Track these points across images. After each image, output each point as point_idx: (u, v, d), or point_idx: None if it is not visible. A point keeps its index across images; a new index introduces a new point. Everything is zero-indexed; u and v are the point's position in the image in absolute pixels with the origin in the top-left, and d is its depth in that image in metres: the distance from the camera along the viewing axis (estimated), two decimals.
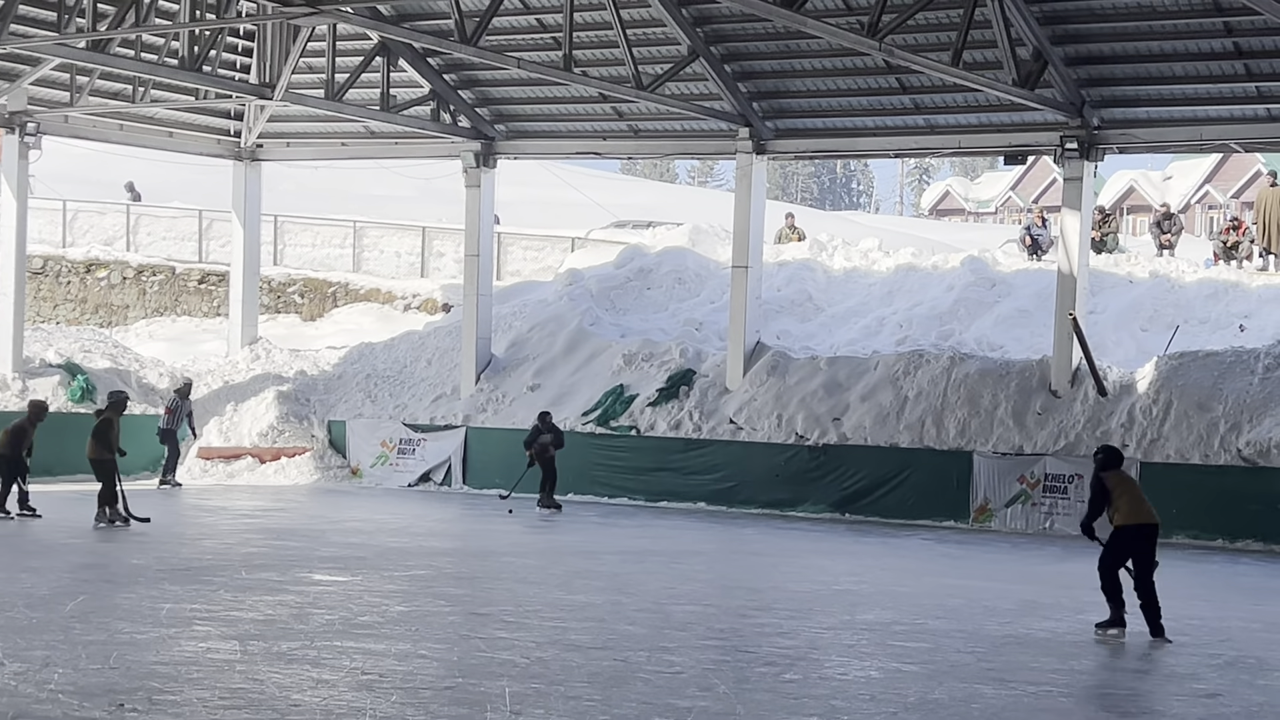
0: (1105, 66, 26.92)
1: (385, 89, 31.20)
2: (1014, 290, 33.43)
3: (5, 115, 32.11)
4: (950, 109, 29.00)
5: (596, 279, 36.26)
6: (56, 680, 10.77)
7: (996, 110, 28.38)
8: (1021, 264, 35.67)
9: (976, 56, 26.00)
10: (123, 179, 55.20)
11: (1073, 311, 27.48)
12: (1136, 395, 27.03)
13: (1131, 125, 27.92)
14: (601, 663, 12.38)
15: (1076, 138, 27.58)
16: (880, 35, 23.02)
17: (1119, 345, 30.25)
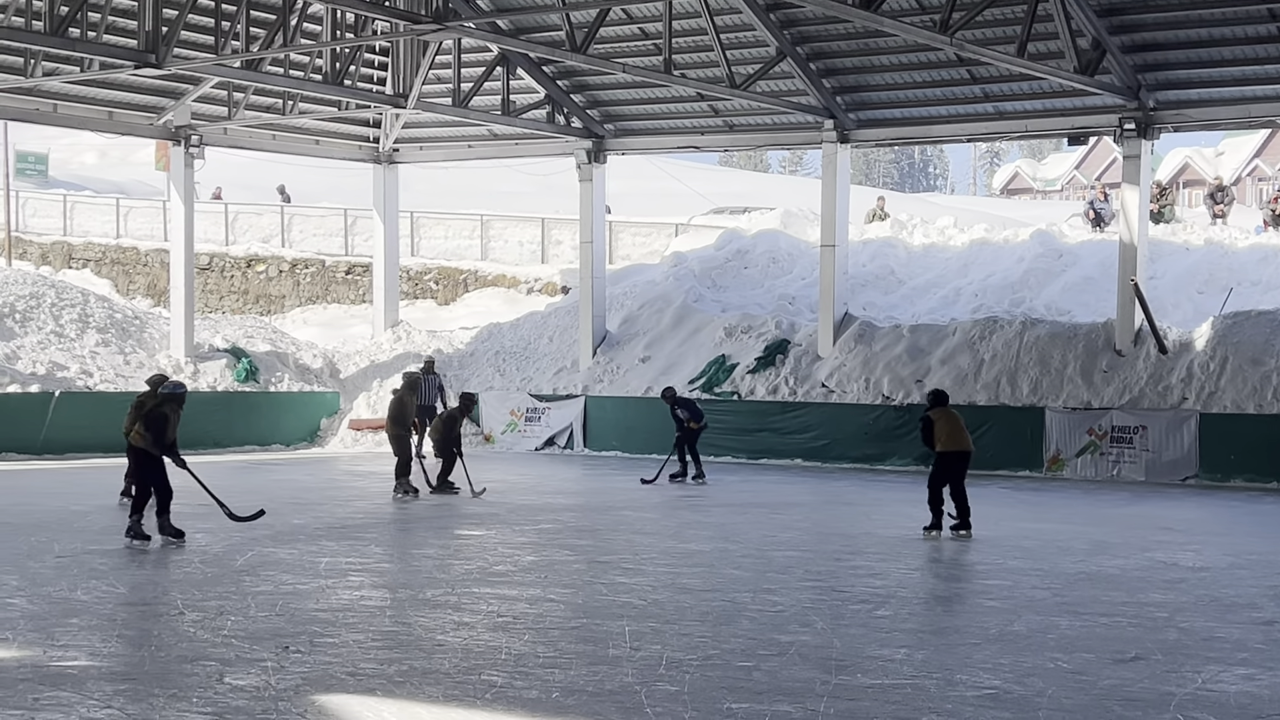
0: (1159, 53, 26.43)
1: (505, 95, 31.28)
2: (1079, 260, 33.00)
3: (172, 129, 32.57)
4: (1017, 96, 28.62)
5: (698, 260, 36.21)
6: (229, 627, 10.93)
7: (1059, 96, 27.97)
8: (1086, 236, 35.19)
9: (1040, 47, 25.61)
10: (276, 184, 55.91)
11: (1134, 278, 27.09)
12: (1195, 352, 26.61)
13: (1185, 106, 27.42)
14: (711, 603, 12.37)
15: (1134, 119, 27.15)
16: (951, 31, 22.77)
17: (1177, 307, 29.80)
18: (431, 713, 8.46)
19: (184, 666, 9.47)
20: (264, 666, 9.51)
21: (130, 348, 32.68)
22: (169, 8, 26.03)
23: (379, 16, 25.65)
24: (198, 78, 30.77)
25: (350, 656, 9.98)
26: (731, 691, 8.99)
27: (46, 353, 30.94)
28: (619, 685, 9.13)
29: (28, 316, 32.21)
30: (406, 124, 35.50)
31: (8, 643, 10.15)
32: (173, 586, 12.74)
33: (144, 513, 15.77)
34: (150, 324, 34.42)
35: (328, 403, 33.74)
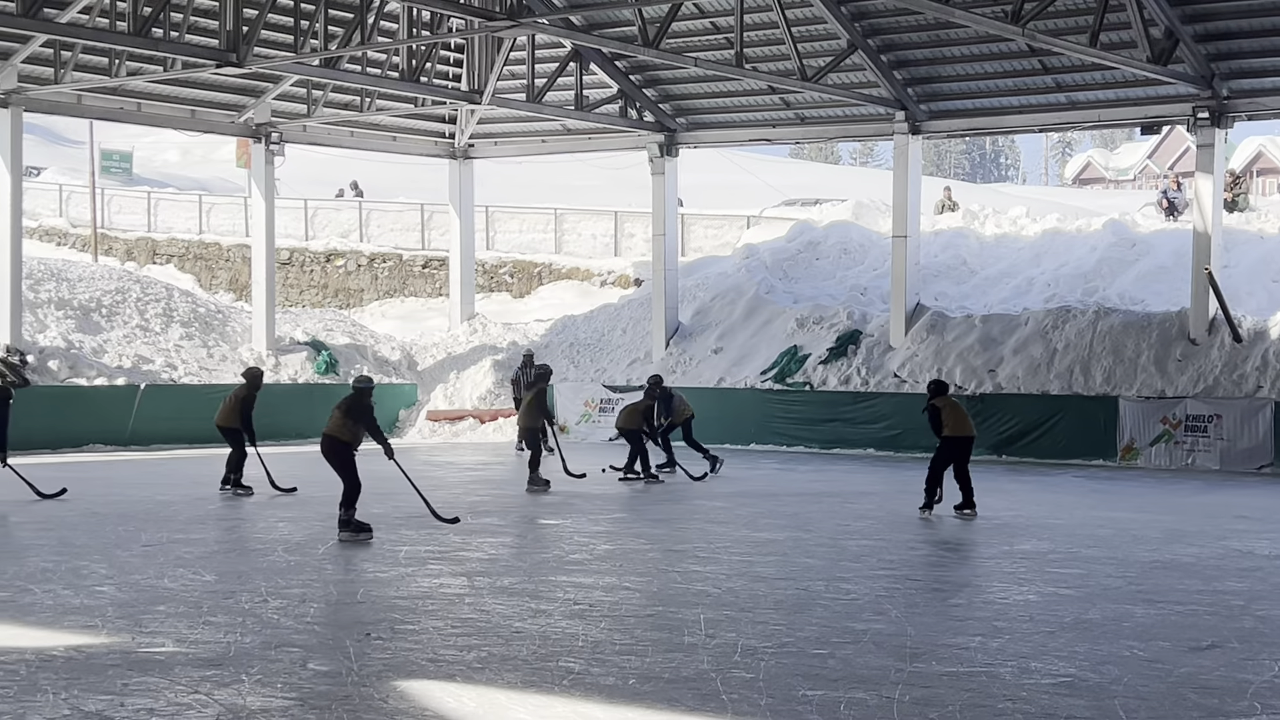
0: (1232, 42, 26.08)
1: (578, 90, 31.34)
2: (1153, 249, 32.62)
3: (253, 127, 32.88)
4: (1089, 86, 28.33)
5: (770, 252, 36.13)
6: (312, 613, 11.03)
7: (1132, 85, 27.65)
8: (1159, 225, 34.79)
9: (1112, 37, 25.34)
10: (356, 179, 56.30)
11: (1208, 266, 26.77)
12: (1270, 341, 26.26)
13: (1258, 95, 27.04)
14: (785, 591, 12.35)
15: (1208, 108, 26.80)
16: (1023, 22, 22.59)
17: (1251, 295, 29.39)
18: (510, 698, 8.50)
19: (268, 652, 9.57)
20: (346, 653, 9.59)
21: (213, 341, 33.05)
22: (249, 7, 26.29)
23: (454, 14, 25.77)
24: (278, 76, 31.07)
25: (430, 643, 10.04)
26: (806, 679, 8.98)
27: (132, 346, 31.34)
28: (694, 672, 9.13)
29: (114, 311, 32.65)
30: (481, 120, 35.64)
31: (97, 629, 10.29)
32: (257, 574, 12.86)
33: (355, 505, 15.70)
34: (232, 318, 34.79)
35: (405, 394, 33.95)
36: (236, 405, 20.43)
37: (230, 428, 20.36)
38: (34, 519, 17.07)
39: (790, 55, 27.40)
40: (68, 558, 13.71)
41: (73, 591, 11.84)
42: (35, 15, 23.92)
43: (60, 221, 53.86)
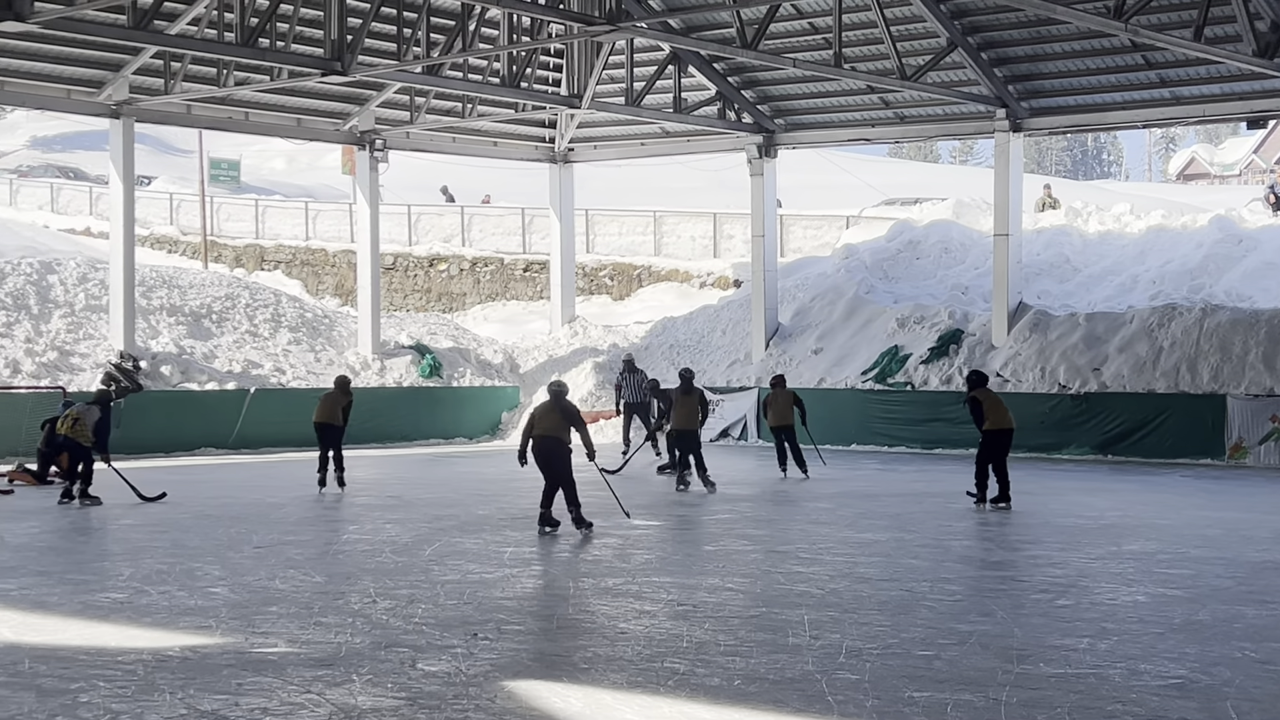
0: None
1: (677, 93, 31.35)
2: (1260, 245, 32.03)
3: (357, 134, 33.24)
4: (1193, 81, 27.87)
5: (870, 252, 35.91)
6: (420, 614, 11.11)
7: (1237, 80, 27.17)
8: (1266, 220, 34.17)
9: (1216, 31, 24.89)
10: (457, 185, 56.72)
11: None
12: None
13: None
14: (889, 592, 12.27)
15: None
16: (1126, 17, 22.26)
17: None
18: (616, 698, 8.52)
19: (378, 653, 9.66)
20: (454, 653, 9.66)
21: (320, 346, 33.45)
22: (354, 17, 26.58)
23: (554, 19, 25.88)
24: (381, 84, 31.40)
25: (536, 643, 10.09)
26: (912, 680, 8.91)
27: (242, 351, 31.81)
28: (800, 673, 9.09)
29: (224, 317, 33.16)
30: (581, 124, 35.78)
31: (211, 630, 10.45)
32: (365, 576, 12.99)
33: (555, 502, 16.11)
34: (339, 323, 35.20)
35: (508, 397, 34.16)
36: (336, 407, 21.03)
37: (332, 424, 20.95)
38: (148, 522, 17.38)
39: (889, 54, 27.22)
40: (181, 559, 13.94)
41: (187, 593, 12.03)
42: (146, 28, 24.37)
43: (171, 229, 54.78)
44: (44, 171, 73.06)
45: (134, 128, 29.83)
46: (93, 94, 29.29)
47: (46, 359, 28.68)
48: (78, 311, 30.90)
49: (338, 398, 21.26)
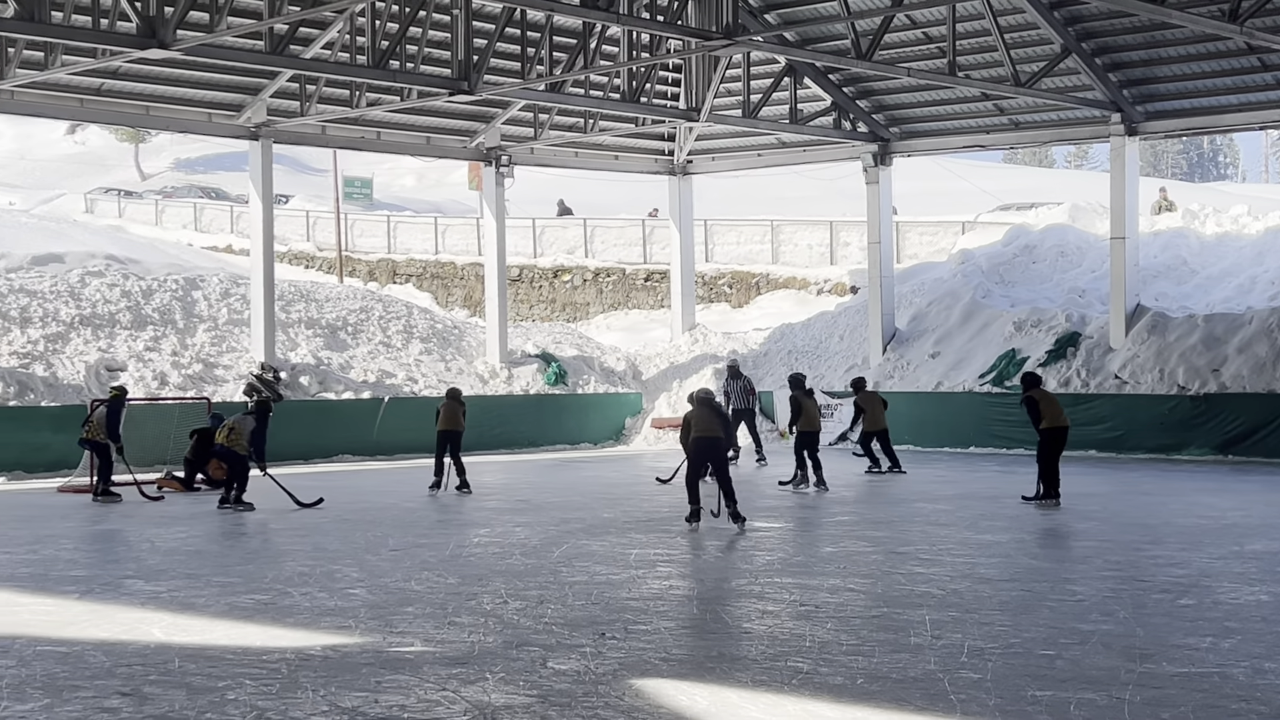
0: None
1: (793, 104, 31.25)
2: None
3: (483, 151, 33.57)
4: None
5: (986, 257, 35.51)
6: (549, 614, 11.17)
7: None
8: None
9: None
10: (578, 198, 57.05)
11: None
12: None
13: None
14: (1010, 593, 12.11)
15: None
16: (1241, 20, 21.79)
17: None
18: (741, 697, 8.50)
19: (510, 652, 9.73)
20: (583, 652, 9.70)
21: (450, 355, 33.80)
22: (479, 38, 26.85)
23: (672, 35, 25.92)
24: (506, 101, 31.68)
25: (662, 643, 10.10)
26: (1035, 679, 8.79)
27: (376, 362, 32.24)
28: (922, 673, 9.01)
29: (359, 329, 33.63)
30: (699, 136, 35.80)
31: (351, 630, 10.60)
32: (496, 577, 13.10)
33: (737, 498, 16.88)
34: (468, 333, 35.54)
35: (631, 403, 34.26)
36: (457, 414, 21.99)
37: (456, 430, 21.85)
38: (290, 526, 17.68)
39: (1003, 61, 26.91)
40: (322, 562, 14.16)
41: (327, 594, 12.21)
42: (282, 52, 24.83)
43: (308, 245, 55.75)
44: (187, 192, 74.76)
45: (272, 149, 30.40)
46: (232, 117, 29.90)
47: (192, 371, 29.30)
48: (221, 325, 31.53)
49: (455, 406, 22.19)
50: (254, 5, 25.13)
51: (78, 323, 29.52)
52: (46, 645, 10.06)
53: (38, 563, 14.33)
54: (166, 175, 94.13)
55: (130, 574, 13.56)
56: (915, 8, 25.67)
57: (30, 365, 27.49)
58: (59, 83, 27.02)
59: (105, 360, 28.57)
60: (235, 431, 19.53)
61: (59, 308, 29.76)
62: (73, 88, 27.70)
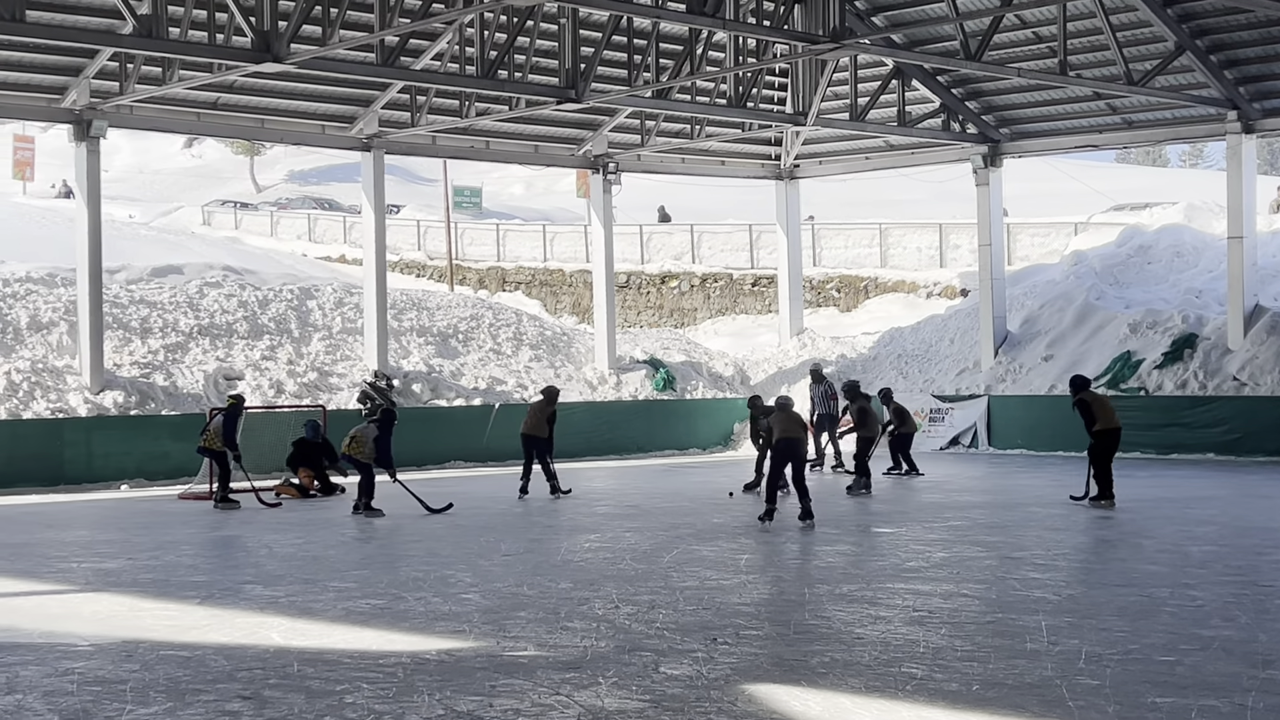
0: None
1: (901, 106, 31.02)
2: None
3: (591, 158, 33.71)
4: None
5: (1099, 258, 34.99)
6: (661, 619, 11.18)
7: None
8: None
9: None
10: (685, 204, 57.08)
11: None
12: None
13: None
14: (1127, 598, 11.90)
15: None
16: None
17: None
18: (854, 703, 8.44)
19: (622, 656, 9.75)
20: (695, 657, 9.69)
21: (559, 362, 33.97)
22: (586, 46, 26.98)
23: (779, 39, 25.86)
24: (613, 109, 31.78)
25: (774, 648, 10.06)
26: (1154, 686, 8.63)
27: (486, 369, 32.49)
28: (1039, 679, 8.89)
29: (469, 336, 33.93)
30: (805, 140, 35.66)
31: (465, 634, 10.68)
32: (607, 582, 13.13)
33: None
34: (576, 339, 35.70)
35: (739, 408, 34.07)
36: (542, 418, 21.90)
37: (536, 436, 21.87)
38: (405, 531, 17.87)
39: (1115, 60, 26.50)
40: (436, 567, 14.29)
41: (442, 599, 12.32)
42: (393, 64, 25.14)
43: (419, 254, 56.35)
44: (301, 203, 75.97)
45: (384, 159, 30.77)
46: (345, 129, 30.31)
47: (307, 379, 29.73)
48: (335, 334, 31.97)
49: (543, 408, 22.07)
50: (365, 18, 25.44)
51: (196, 333, 30.09)
52: (169, 649, 10.25)
53: (159, 569, 14.61)
54: (281, 187, 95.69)
55: (249, 579, 13.79)
56: (1025, 7, 25.38)
57: (150, 375, 28.07)
58: (176, 97, 27.59)
59: (223, 369, 29.09)
60: (357, 440, 19.80)
61: (178, 318, 30.36)
62: (190, 102, 28.26)
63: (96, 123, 26.73)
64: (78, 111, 26.65)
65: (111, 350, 28.11)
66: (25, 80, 26.34)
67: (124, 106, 27.02)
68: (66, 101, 26.66)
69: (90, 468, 25.36)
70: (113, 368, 27.67)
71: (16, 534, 18.07)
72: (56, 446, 25.25)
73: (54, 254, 33.02)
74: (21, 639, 10.75)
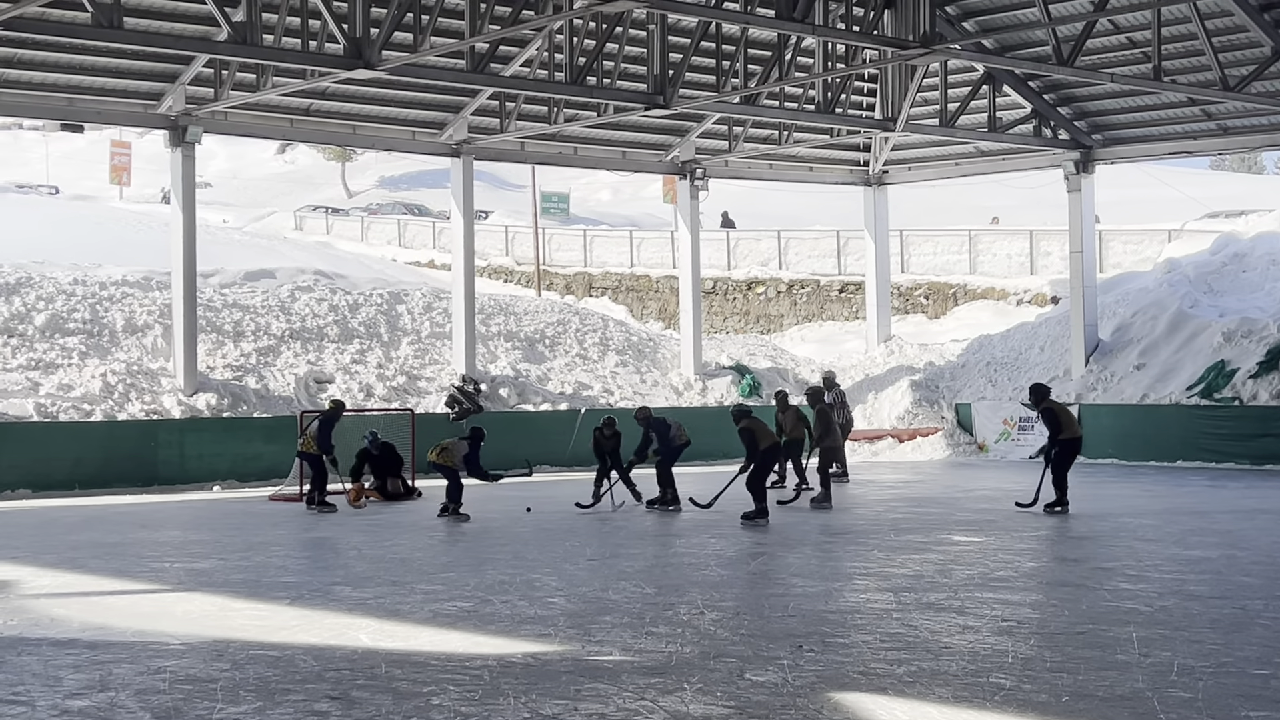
0: None
1: (991, 112, 30.75)
2: None
3: (678, 164, 33.73)
4: None
5: (1193, 265, 34.44)
6: (746, 626, 11.14)
7: None
8: None
9: None
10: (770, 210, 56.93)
11: None
12: None
13: None
14: (1221, 610, 11.69)
15: None
16: None
17: None
18: (942, 713, 8.36)
19: (707, 662, 9.73)
20: (780, 664, 9.65)
21: (645, 367, 34.00)
22: (674, 52, 27.01)
23: (869, 45, 25.74)
24: (701, 115, 31.79)
25: (860, 656, 9.99)
26: (1249, 699, 8.47)
27: (573, 374, 32.60)
28: (1129, 691, 8.75)
29: (556, 341, 34.06)
30: (894, 146, 35.45)
31: (550, 638, 10.71)
32: (693, 588, 13.11)
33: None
34: (662, 345, 35.71)
35: None
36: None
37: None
38: (491, 535, 17.96)
39: (1211, 65, 26.10)
40: (522, 571, 14.34)
41: (527, 602, 12.36)
42: (483, 71, 25.30)
43: (507, 260, 56.65)
44: (391, 209, 76.66)
45: (473, 165, 30.98)
46: (435, 135, 30.55)
47: (396, 383, 29.98)
48: (423, 338, 32.22)
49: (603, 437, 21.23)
50: (455, 25, 25.65)
51: (288, 336, 30.46)
52: (259, 649, 10.37)
53: (250, 569, 14.79)
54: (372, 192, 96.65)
55: (338, 580, 13.91)
56: (1119, 12, 25.07)
57: (243, 378, 28.44)
58: (269, 104, 27.97)
59: (314, 373, 29.42)
60: (447, 451, 19.92)
61: (270, 322, 30.74)
62: (283, 108, 28.63)
63: (192, 129, 27.16)
64: (173, 117, 27.08)
65: (205, 353, 28.52)
66: (123, 87, 26.81)
67: (218, 113, 27.43)
68: (162, 108, 27.11)
69: (183, 469, 25.76)
70: (206, 370, 28.07)
71: (111, 534, 18.38)
72: (151, 448, 25.67)
73: (149, 258, 33.60)
74: (115, 637, 10.92)
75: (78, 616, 11.90)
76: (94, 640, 10.76)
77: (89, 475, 24.70)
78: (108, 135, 79.98)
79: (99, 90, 26.73)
